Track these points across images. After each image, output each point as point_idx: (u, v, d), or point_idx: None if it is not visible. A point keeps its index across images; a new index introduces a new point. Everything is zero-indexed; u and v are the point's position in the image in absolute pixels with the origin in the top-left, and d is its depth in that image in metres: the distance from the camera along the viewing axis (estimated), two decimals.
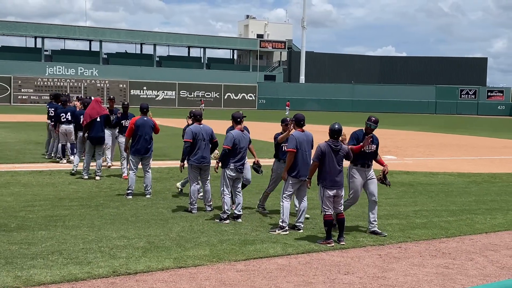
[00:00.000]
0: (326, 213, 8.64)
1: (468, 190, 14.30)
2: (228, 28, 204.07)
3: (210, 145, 10.77)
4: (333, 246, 8.46)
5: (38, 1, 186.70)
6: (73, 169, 14.85)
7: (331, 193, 8.66)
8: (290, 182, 9.27)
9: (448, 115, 76.97)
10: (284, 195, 9.32)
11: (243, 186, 10.76)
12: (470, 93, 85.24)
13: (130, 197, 11.78)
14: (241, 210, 10.16)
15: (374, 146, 9.44)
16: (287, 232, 9.13)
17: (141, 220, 9.77)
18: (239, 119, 10.12)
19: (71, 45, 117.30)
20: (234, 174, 9.99)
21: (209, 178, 10.89)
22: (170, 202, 11.48)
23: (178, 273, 6.96)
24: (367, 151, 9.34)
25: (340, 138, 8.87)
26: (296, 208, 9.66)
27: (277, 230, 9.16)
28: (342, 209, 8.88)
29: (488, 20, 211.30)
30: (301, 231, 9.30)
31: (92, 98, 16.72)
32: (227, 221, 9.77)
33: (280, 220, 9.26)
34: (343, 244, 8.56)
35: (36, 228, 8.93)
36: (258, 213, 10.71)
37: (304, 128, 9.43)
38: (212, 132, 10.85)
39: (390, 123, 49.41)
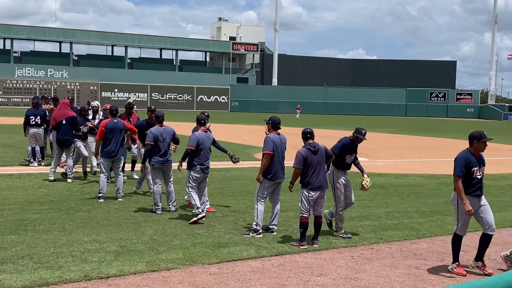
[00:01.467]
0: (303, 215, 8.67)
1: (438, 191, 14.49)
2: (199, 30, 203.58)
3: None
4: (306, 248, 8.50)
5: (4, 2, 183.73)
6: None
7: (314, 195, 8.68)
8: (266, 184, 9.27)
9: (419, 118, 77.98)
10: (258, 198, 9.32)
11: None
12: (439, 95, 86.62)
13: (102, 200, 11.66)
14: (206, 208, 10.40)
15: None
16: (261, 235, 9.14)
17: (113, 223, 9.67)
18: (202, 121, 10.43)
19: (41, 46, 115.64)
20: (199, 176, 10.17)
21: (171, 179, 11.01)
22: (143, 205, 11.39)
23: (151, 277, 6.91)
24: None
25: None
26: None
27: (251, 233, 9.16)
28: (321, 212, 8.91)
29: (455, 24, 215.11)
30: (275, 233, 9.32)
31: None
32: (202, 215, 9.81)
33: (254, 223, 9.25)
34: (316, 246, 8.61)
35: (6, 232, 8.77)
36: (230, 216, 10.67)
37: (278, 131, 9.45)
38: (174, 133, 11.12)
39: (362, 125, 49.75)
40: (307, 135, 8.83)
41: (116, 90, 79.43)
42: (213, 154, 10.86)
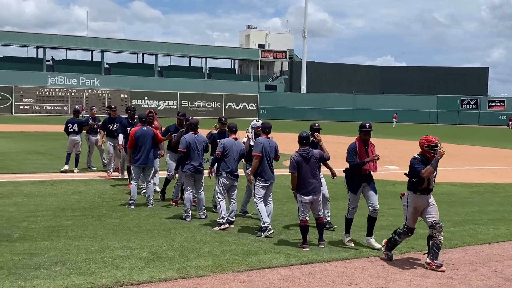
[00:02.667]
0: (301, 218, 8.97)
1: (470, 200, 14.27)
2: (224, 37, 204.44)
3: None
4: (308, 250, 8.70)
5: (34, 11, 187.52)
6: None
7: (307, 199, 8.95)
8: (261, 184, 9.78)
9: (450, 125, 76.97)
10: (256, 199, 9.77)
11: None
12: (471, 103, 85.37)
13: (133, 207, 11.78)
14: (234, 217, 10.43)
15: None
16: (272, 231, 9.51)
17: (144, 230, 9.76)
18: (234, 129, 10.63)
19: (73, 55, 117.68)
20: (227, 182, 10.29)
21: (203, 187, 11.13)
22: (173, 212, 11.47)
23: (181, 284, 6.94)
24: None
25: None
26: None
27: (263, 234, 9.48)
28: (321, 214, 9.18)
29: (484, 30, 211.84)
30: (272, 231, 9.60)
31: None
32: (226, 225, 9.99)
33: (261, 223, 9.61)
34: (322, 247, 8.87)
35: (39, 239, 8.93)
36: (259, 223, 10.65)
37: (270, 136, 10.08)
38: (206, 142, 11.20)
39: (391, 133, 49.40)
40: (303, 140, 9.07)
41: (146, 97, 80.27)
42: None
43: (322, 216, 9.21)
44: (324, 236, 9.23)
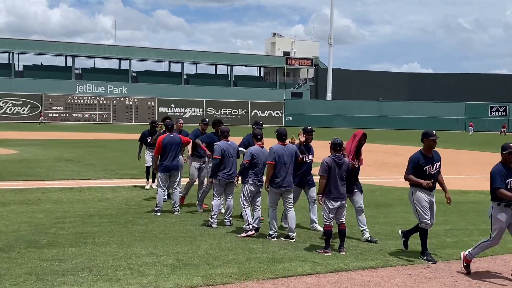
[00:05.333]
0: (327, 223, 9.03)
1: None
2: (248, 45, 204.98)
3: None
4: (330, 255, 8.78)
5: (60, 20, 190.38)
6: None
7: (336, 204, 9.03)
8: (273, 192, 9.92)
9: (479, 132, 75.89)
10: (268, 205, 10.02)
11: None
12: (500, 109, 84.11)
13: (159, 214, 11.85)
14: (259, 224, 10.42)
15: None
16: (275, 239, 9.81)
17: (169, 237, 9.81)
18: (259, 136, 10.63)
19: (101, 63, 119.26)
20: (253, 189, 10.35)
21: (232, 194, 11.14)
22: (198, 219, 11.51)
23: None
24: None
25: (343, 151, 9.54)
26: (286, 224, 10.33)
27: (271, 239, 9.84)
28: (343, 220, 9.22)
29: (511, 36, 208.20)
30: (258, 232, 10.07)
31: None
32: (252, 232, 10.04)
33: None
34: (344, 254, 8.90)
35: (67, 245, 9.03)
36: (284, 231, 10.62)
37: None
38: (238, 149, 11.25)
39: (419, 140, 48.84)
40: (337, 147, 9.16)
41: (172, 105, 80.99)
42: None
43: (344, 222, 9.23)
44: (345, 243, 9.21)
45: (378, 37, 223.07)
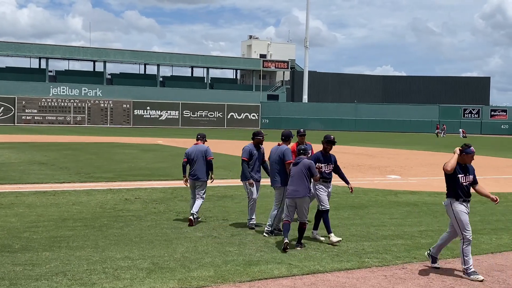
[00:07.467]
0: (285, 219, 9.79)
1: (473, 209, 14.14)
2: (220, 47, 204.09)
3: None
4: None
5: (29, 21, 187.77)
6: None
7: (287, 201, 9.81)
8: (275, 191, 10.63)
9: (452, 135, 76.92)
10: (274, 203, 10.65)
11: None
12: (473, 112, 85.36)
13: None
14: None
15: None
16: (270, 234, 10.31)
17: (145, 240, 9.74)
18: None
19: (75, 65, 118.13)
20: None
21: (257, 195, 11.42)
22: (174, 223, 11.45)
23: None
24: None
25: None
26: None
27: (267, 235, 10.32)
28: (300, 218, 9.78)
29: (480, 39, 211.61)
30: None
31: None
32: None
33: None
34: (299, 249, 9.44)
35: (40, 249, 8.91)
36: (260, 233, 10.62)
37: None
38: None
39: (394, 142, 49.39)
40: (300, 151, 9.79)
41: (148, 108, 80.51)
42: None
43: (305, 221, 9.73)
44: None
45: (353, 40, 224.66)
